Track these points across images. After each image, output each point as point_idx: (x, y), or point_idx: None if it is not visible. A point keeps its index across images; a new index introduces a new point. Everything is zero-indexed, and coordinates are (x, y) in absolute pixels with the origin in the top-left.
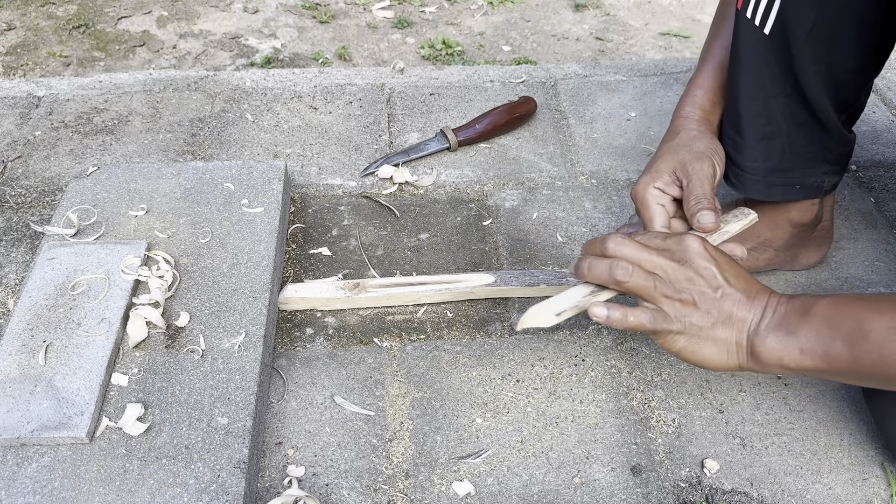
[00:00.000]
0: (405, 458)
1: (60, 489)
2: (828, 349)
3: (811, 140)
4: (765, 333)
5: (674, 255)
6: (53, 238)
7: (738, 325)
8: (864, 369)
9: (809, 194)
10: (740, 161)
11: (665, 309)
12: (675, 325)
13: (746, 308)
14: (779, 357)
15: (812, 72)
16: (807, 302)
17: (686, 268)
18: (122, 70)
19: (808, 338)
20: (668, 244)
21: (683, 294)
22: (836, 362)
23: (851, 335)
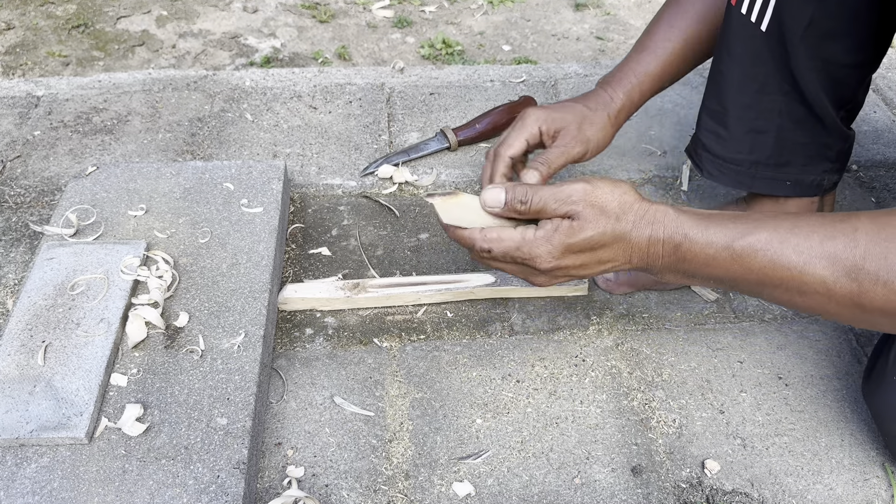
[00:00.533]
0: (405, 458)
1: (59, 490)
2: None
3: (811, 138)
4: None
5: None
6: (52, 238)
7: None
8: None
9: (807, 192)
10: (723, 153)
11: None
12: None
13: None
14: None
15: (809, 68)
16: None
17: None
18: (122, 70)
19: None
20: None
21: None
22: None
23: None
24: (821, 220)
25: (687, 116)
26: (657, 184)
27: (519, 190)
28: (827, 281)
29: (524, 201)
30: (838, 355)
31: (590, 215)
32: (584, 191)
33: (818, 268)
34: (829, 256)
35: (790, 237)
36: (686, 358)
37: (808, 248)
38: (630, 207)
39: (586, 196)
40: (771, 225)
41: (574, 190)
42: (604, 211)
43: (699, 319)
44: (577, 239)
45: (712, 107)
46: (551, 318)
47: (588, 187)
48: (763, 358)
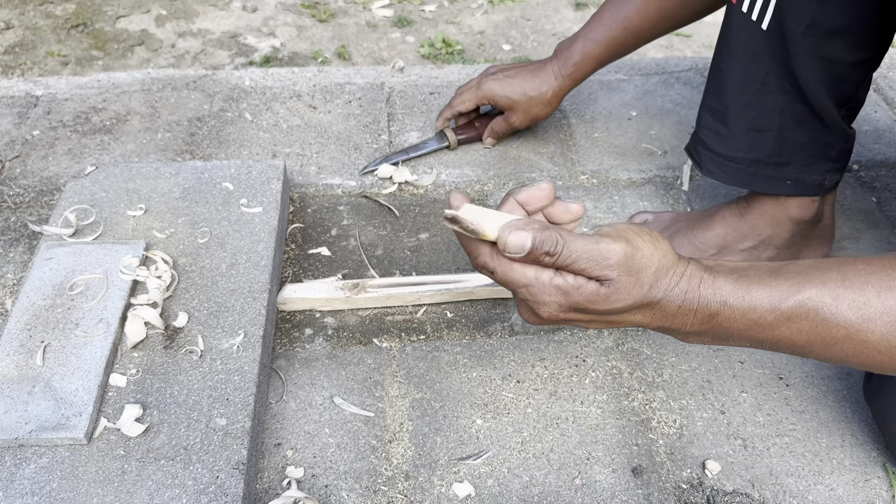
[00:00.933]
0: (405, 459)
1: (59, 490)
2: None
3: (811, 137)
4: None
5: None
6: (51, 238)
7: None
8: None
9: (808, 191)
10: (723, 151)
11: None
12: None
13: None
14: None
15: (810, 67)
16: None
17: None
18: (121, 69)
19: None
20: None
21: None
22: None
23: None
24: (870, 267)
25: (687, 116)
26: (657, 184)
27: (548, 238)
28: (890, 338)
29: (551, 253)
30: None
31: (624, 285)
32: (623, 254)
33: (878, 325)
34: (889, 311)
35: (843, 292)
36: (687, 358)
37: (865, 302)
38: (665, 272)
39: (625, 261)
40: (818, 279)
41: (612, 252)
42: (639, 280)
43: None
44: (600, 307)
45: (713, 105)
46: None
47: (629, 250)
48: (764, 358)
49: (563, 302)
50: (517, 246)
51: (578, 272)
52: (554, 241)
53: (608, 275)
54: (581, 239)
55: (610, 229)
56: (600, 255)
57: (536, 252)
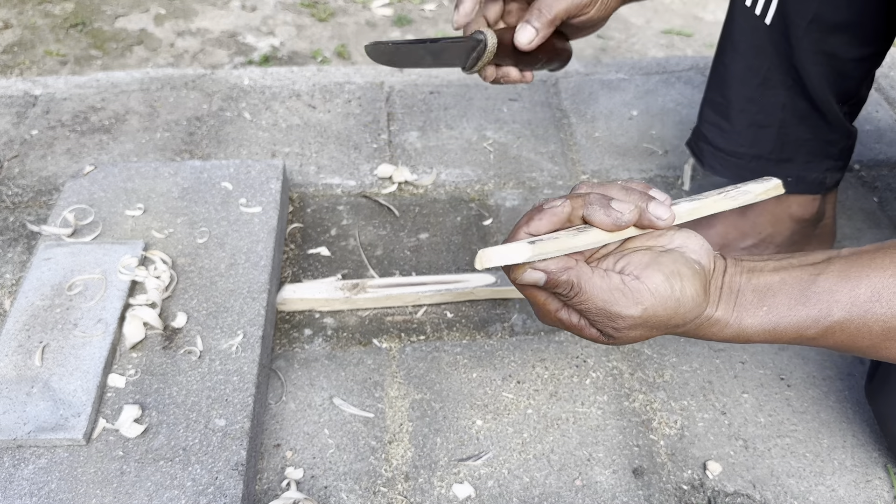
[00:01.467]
0: (405, 460)
1: (57, 491)
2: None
3: (813, 134)
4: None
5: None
6: (50, 238)
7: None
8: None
9: (809, 189)
10: (724, 146)
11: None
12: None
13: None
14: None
15: (813, 63)
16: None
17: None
18: (120, 68)
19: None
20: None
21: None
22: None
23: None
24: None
25: (689, 115)
26: (658, 183)
27: (563, 283)
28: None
29: (565, 294)
30: (840, 356)
31: (628, 337)
32: (637, 318)
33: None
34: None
35: (871, 307)
36: (688, 359)
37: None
38: (686, 322)
39: (638, 321)
40: (846, 298)
41: (628, 316)
42: (650, 330)
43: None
44: (601, 341)
45: (715, 99)
46: None
47: (645, 315)
48: (765, 359)
49: (561, 326)
50: (533, 279)
51: (586, 317)
52: (569, 285)
53: (612, 334)
54: (601, 283)
55: (647, 259)
56: (614, 313)
57: (552, 288)
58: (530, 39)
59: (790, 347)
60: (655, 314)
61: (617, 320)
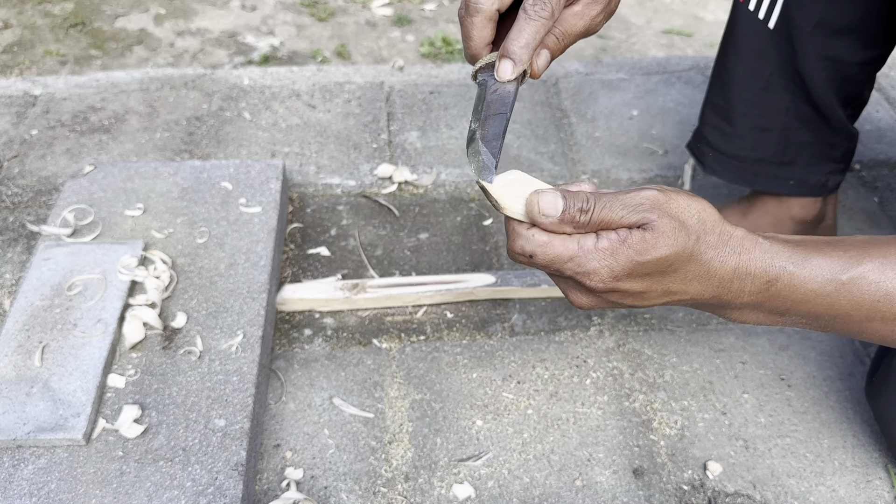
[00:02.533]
0: (404, 460)
1: (57, 491)
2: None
3: (816, 137)
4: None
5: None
6: (50, 238)
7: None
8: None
9: (811, 191)
10: (726, 149)
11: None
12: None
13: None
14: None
15: (816, 67)
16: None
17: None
18: (119, 68)
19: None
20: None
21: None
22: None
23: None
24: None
25: (689, 115)
26: (659, 183)
27: (579, 196)
28: None
29: (585, 209)
30: (841, 356)
31: (667, 227)
32: (657, 198)
33: None
34: None
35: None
36: (688, 359)
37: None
38: (712, 228)
39: (661, 204)
40: (878, 252)
41: (646, 197)
42: (683, 225)
43: (701, 320)
44: (649, 257)
45: (717, 102)
46: (552, 319)
47: (662, 196)
48: (765, 359)
49: (612, 265)
50: (551, 207)
51: (618, 224)
52: (584, 196)
53: (647, 217)
54: (611, 193)
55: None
56: (634, 200)
57: (570, 211)
58: (545, 68)
59: (790, 347)
60: (674, 198)
61: (644, 202)
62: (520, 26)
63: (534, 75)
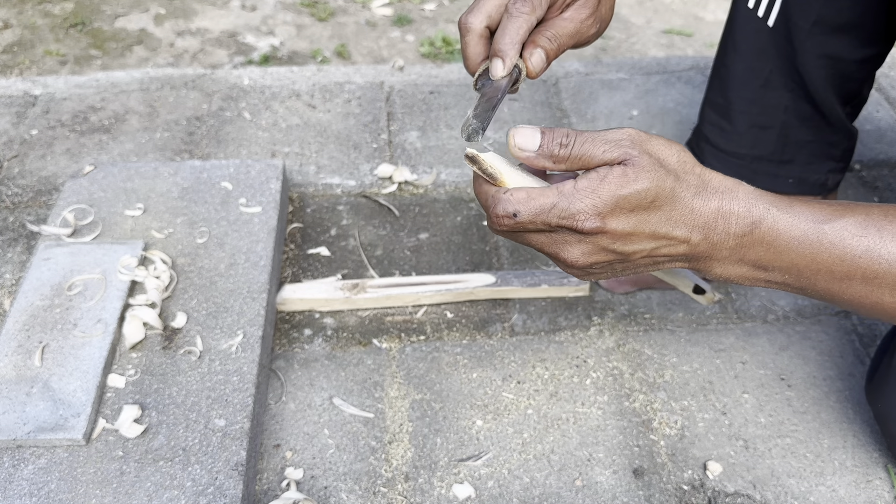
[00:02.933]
0: (404, 460)
1: (57, 491)
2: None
3: (815, 135)
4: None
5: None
6: (50, 238)
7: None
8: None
9: (810, 190)
10: (725, 146)
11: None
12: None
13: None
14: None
15: (815, 65)
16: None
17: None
18: (119, 68)
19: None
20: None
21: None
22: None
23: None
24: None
25: (689, 115)
26: None
27: (558, 131)
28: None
29: (565, 143)
30: (841, 356)
31: (646, 163)
32: (637, 136)
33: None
34: None
35: (886, 224)
36: (688, 359)
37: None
38: (691, 169)
39: (640, 143)
40: (861, 210)
41: (626, 133)
42: (662, 163)
43: (701, 320)
44: (631, 189)
45: (716, 100)
46: (552, 319)
47: (642, 134)
48: (766, 359)
49: (596, 202)
50: (528, 140)
51: (599, 160)
52: (563, 132)
53: (628, 152)
54: (589, 131)
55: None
56: (615, 136)
57: (549, 146)
58: (541, 68)
59: (791, 346)
60: (651, 138)
61: (622, 138)
62: (503, 24)
63: (530, 74)
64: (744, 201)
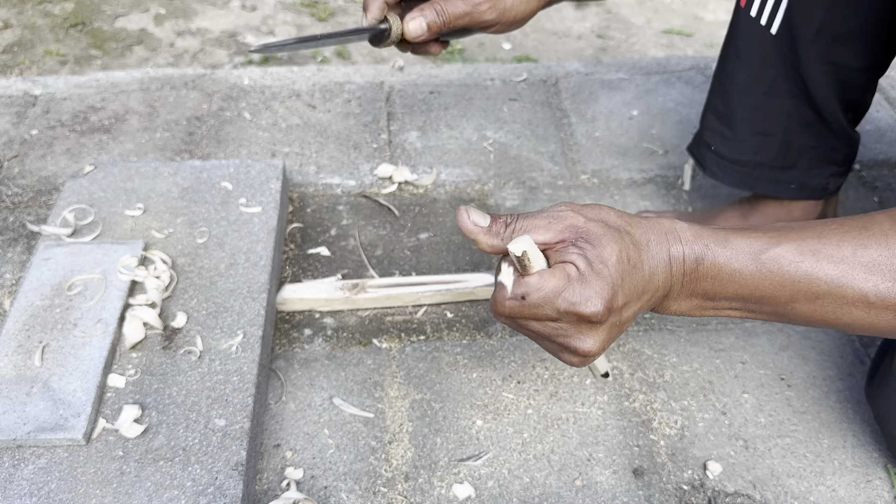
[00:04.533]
0: (404, 460)
1: (57, 491)
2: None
3: (817, 141)
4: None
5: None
6: (50, 238)
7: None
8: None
9: (812, 195)
10: (727, 153)
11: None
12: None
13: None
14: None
15: (819, 72)
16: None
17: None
18: (119, 68)
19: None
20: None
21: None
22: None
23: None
24: (843, 228)
25: (689, 115)
26: (659, 183)
27: (501, 216)
28: (867, 294)
29: (507, 222)
30: (841, 356)
31: (598, 230)
32: (570, 207)
33: (857, 280)
34: (867, 266)
35: (821, 247)
36: (688, 359)
37: (842, 258)
38: (629, 221)
39: (578, 211)
40: (795, 235)
41: (559, 208)
42: (607, 224)
43: (701, 320)
44: (614, 257)
45: (718, 107)
46: None
47: (571, 204)
48: (765, 359)
49: (602, 285)
50: (480, 218)
51: (543, 229)
52: (507, 216)
53: (578, 226)
54: (523, 213)
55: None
56: (552, 213)
57: (495, 224)
58: (418, 35)
59: (790, 346)
60: (585, 211)
61: (562, 211)
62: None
63: (406, 35)
64: (685, 243)
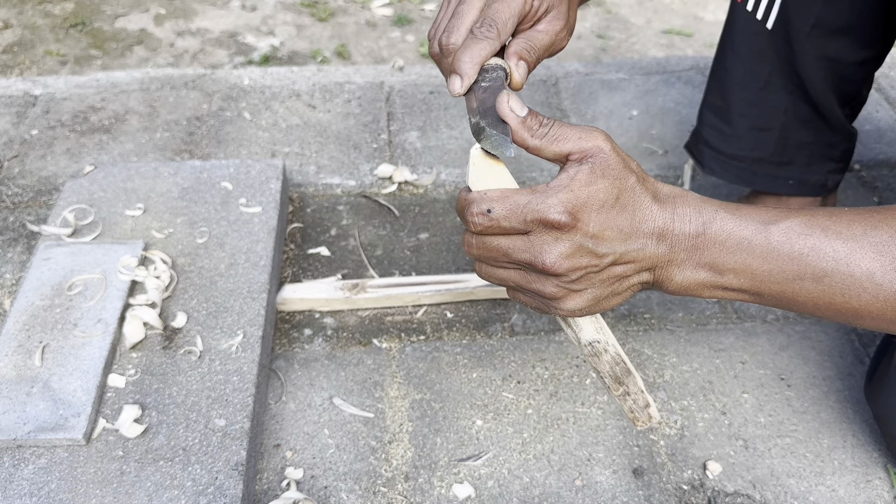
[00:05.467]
0: (404, 460)
1: (57, 491)
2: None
3: (815, 137)
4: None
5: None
6: (50, 238)
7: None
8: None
9: (810, 191)
10: (725, 149)
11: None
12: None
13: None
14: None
15: (815, 67)
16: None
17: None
18: (119, 68)
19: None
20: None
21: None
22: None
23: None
24: (854, 210)
25: (689, 115)
26: None
27: (539, 115)
28: (875, 274)
29: (545, 122)
30: (840, 356)
31: (613, 161)
32: (608, 136)
33: (865, 259)
34: (876, 246)
35: (831, 224)
36: (688, 359)
37: (852, 235)
38: (647, 177)
39: (611, 142)
40: (806, 212)
41: (595, 131)
42: (626, 163)
43: (701, 320)
44: (599, 185)
45: (715, 103)
46: (552, 319)
47: (610, 137)
48: (765, 359)
49: (570, 196)
50: (518, 105)
51: (574, 144)
52: (544, 116)
53: (600, 145)
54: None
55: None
56: (588, 128)
57: (532, 119)
58: (525, 76)
59: (790, 346)
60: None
61: (597, 134)
62: (466, 44)
63: (514, 85)
64: (693, 205)
